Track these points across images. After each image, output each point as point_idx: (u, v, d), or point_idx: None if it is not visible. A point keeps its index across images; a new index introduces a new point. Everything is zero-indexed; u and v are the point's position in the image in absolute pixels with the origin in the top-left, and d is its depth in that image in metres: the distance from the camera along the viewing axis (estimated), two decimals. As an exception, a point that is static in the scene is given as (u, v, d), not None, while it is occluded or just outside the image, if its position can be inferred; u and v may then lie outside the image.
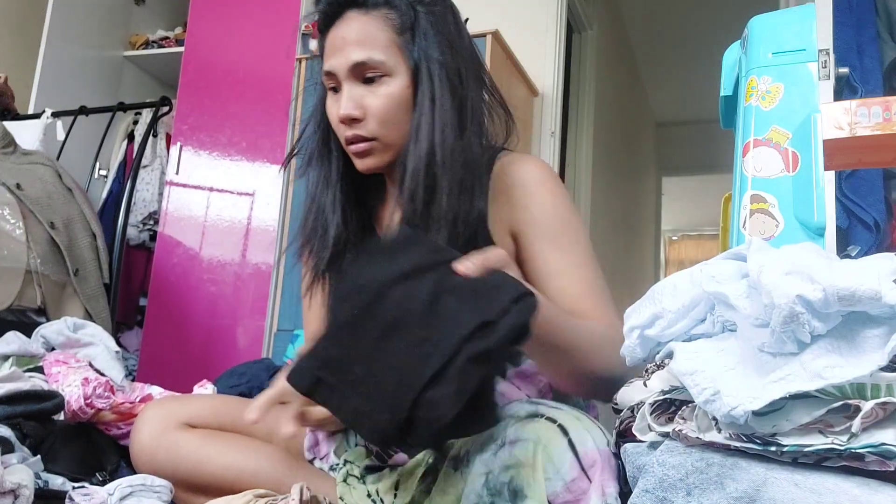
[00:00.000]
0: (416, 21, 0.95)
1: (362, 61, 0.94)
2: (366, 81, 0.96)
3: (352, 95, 0.95)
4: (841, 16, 1.75)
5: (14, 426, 1.12)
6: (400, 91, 0.95)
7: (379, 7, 0.96)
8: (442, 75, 0.94)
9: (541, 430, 0.76)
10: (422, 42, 0.95)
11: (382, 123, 0.95)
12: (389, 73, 0.95)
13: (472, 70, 0.99)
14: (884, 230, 1.64)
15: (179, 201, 2.68)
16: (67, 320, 1.61)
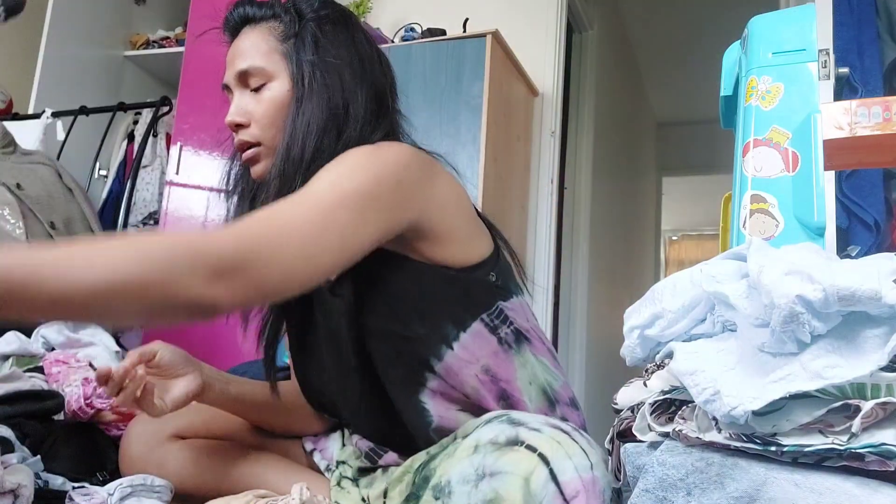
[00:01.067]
0: (300, 29, 0.99)
1: (245, 69, 0.98)
2: (253, 89, 0.99)
3: (239, 103, 0.99)
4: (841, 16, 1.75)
5: (14, 426, 1.12)
6: (281, 95, 0.98)
7: (266, 19, 1.01)
8: (315, 78, 0.96)
9: (521, 462, 0.74)
10: (301, 47, 0.98)
11: (264, 127, 0.98)
12: (271, 78, 0.98)
13: (363, 76, 1.00)
14: (884, 230, 1.65)
15: (179, 201, 2.68)
16: (67, 320, 1.61)
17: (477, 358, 0.95)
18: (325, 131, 0.95)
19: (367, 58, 1.02)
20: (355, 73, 0.99)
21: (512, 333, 0.99)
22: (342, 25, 1.02)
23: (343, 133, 0.96)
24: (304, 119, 0.94)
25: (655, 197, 5.94)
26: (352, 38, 1.02)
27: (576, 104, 3.47)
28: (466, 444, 0.81)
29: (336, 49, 0.99)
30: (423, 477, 0.88)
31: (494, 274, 1.00)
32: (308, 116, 0.95)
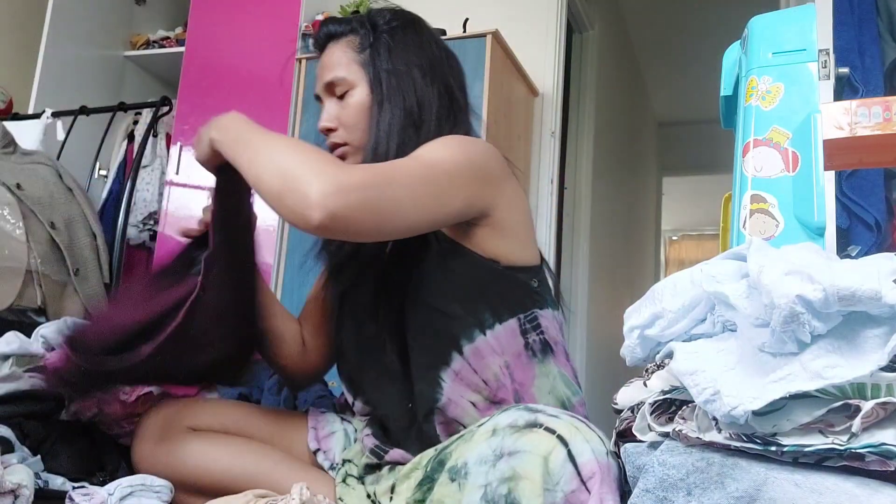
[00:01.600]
0: (374, 40, 1.11)
1: (330, 80, 1.12)
2: (339, 97, 1.12)
3: (328, 110, 1.13)
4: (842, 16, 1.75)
5: (14, 426, 1.12)
6: (362, 100, 1.10)
7: (345, 35, 1.14)
8: (391, 83, 1.09)
9: (540, 442, 0.76)
10: (376, 56, 1.10)
11: (349, 129, 1.11)
12: (353, 86, 1.11)
13: (434, 75, 1.12)
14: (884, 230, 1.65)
15: (179, 201, 2.68)
16: (67, 320, 1.60)
17: (503, 351, 1.02)
18: (404, 129, 1.07)
19: (435, 59, 1.14)
20: (426, 74, 1.11)
21: (539, 342, 1.05)
22: (412, 32, 1.14)
23: (421, 129, 1.08)
24: (385, 121, 1.07)
25: (655, 197, 5.94)
26: (421, 43, 1.14)
27: (576, 104, 3.47)
28: (484, 428, 0.83)
29: (407, 54, 1.11)
30: (438, 461, 0.90)
31: (537, 281, 1.09)
32: (388, 118, 1.07)
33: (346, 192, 0.85)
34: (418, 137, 1.06)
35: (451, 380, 1.01)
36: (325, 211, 0.83)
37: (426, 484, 0.89)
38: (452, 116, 1.12)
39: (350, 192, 0.85)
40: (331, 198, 0.84)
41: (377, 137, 1.07)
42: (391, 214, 0.89)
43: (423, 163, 0.96)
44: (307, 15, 2.68)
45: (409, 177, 0.92)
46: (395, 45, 1.11)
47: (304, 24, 2.66)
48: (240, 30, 2.73)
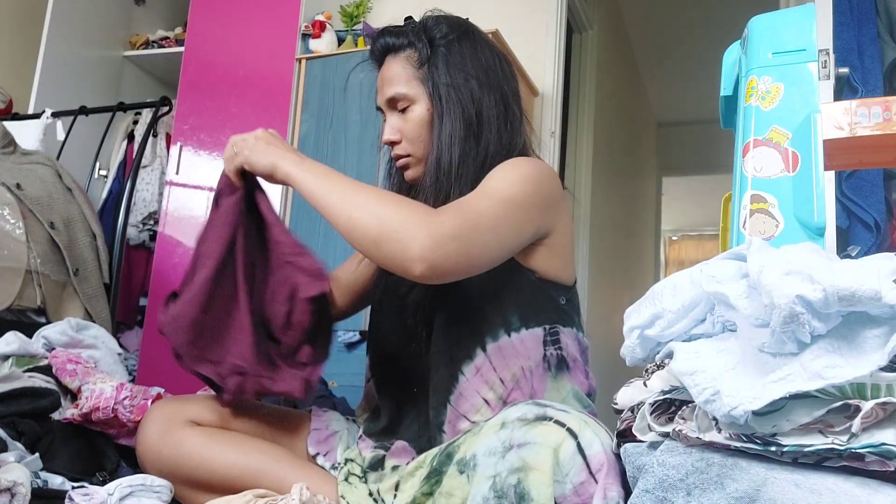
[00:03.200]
0: (432, 55, 1.14)
1: (392, 96, 1.16)
2: (400, 111, 1.16)
3: (391, 124, 1.17)
4: (841, 16, 1.75)
5: (8, 424, 1.12)
6: (422, 114, 1.14)
7: (404, 48, 1.17)
8: (451, 96, 1.12)
9: (550, 434, 0.77)
10: (435, 72, 1.14)
11: (411, 142, 1.15)
12: (414, 101, 1.15)
13: (490, 83, 1.16)
14: (884, 230, 1.65)
15: (179, 201, 2.68)
16: (71, 321, 1.60)
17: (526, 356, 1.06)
18: (465, 140, 1.12)
19: (490, 68, 1.17)
20: (482, 84, 1.15)
21: (556, 357, 1.08)
22: (467, 43, 1.17)
23: (481, 137, 1.13)
24: (445, 133, 1.12)
25: (655, 197, 5.94)
26: (476, 53, 1.17)
27: (576, 104, 3.47)
28: (493, 422, 0.85)
29: (464, 66, 1.15)
30: (446, 454, 0.91)
31: (566, 300, 1.14)
32: (449, 131, 1.12)
33: (444, 243, 0.92)
34: (478, 146, 1.12)
35: (470, 374, 1.06)
36: (426, 264, 0.91)
37: (434, 477, 0.90)
38: (509, 125, 1.17)
39: (447, 244, 0.92)
40: (430, 251, 0.91)
41: (440, 150, 1.11)
42: (480, 257, 0.97)
43: (501, 200, 1.01)
44: (307, 15, 2.68)
45: (493, 219, 0.99)
46: (451, 58, 1.14)
47: (303, 25, 2.66)
48: (239, 30, 2.73)
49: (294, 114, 2.57)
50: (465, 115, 1.12)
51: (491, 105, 1.15)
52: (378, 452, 1.08)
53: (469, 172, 1.11)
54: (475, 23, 1.25)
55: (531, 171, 1.08)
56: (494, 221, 0.98)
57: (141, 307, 2.86)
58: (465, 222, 0.96)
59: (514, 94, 1.20)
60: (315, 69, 2.57)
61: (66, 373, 1.34)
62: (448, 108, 1.12)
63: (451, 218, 0.96)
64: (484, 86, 1.15)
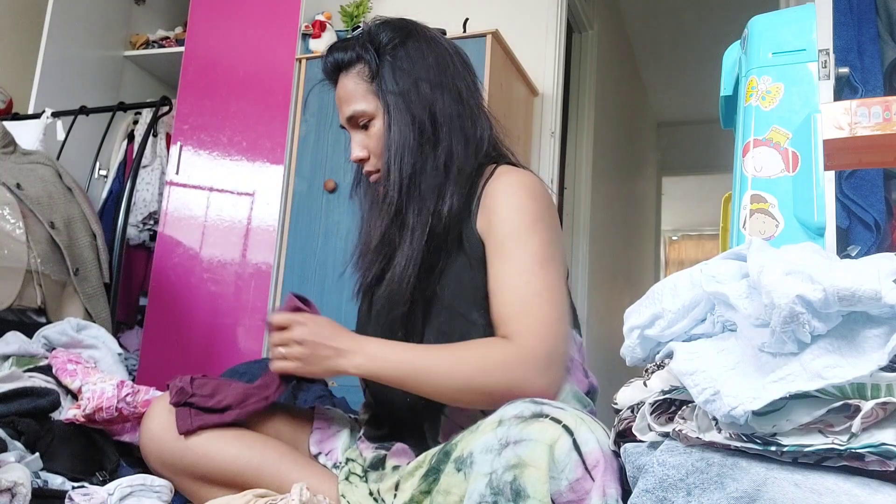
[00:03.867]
0: (380, 66, 1.11)
1: (351, 115, 1.13)
2: (363, 127, 1.13)
3: (357, 141, 1.14)
4: (841, 16, 1.75)
5: (7, 424, 1.12)
6: (382, 128, 1.11)
7: (353, 64, 1.14)
8: (399, 105, 1.10)
9: (546, 431, 0.77)
10: (383, 83, 1.11)
11: (378, 157, 1.13)
12: (373, 116, 1.12)
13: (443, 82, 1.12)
14: (884, 230, 1.65)
15: (179, 201, 2.68)
16: (71, 321, 1.60)
17: None
18: (420, 147, 1.09)
19: (440, 65, 1.13)
20: (433, 85, 1.11)
21: None
22: (412, 45, 1.13)
23: (440, 141, 1.10)
24: (394, 143, 1.09)
25: (655, 197, 5.94)
26: (422, 54, 1.13)
27: (576, 104, 3.47)
28: (490, 420, 0.85)
29: (411, 70, 1.11)
30: (444, 452, 0.91)
31: None
32: (398, 140, 1.09)
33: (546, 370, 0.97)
34: (436, 151, 1.09)
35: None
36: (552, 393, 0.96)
37: (432, 475, 0.90)
38: (470, 120, 1.14)
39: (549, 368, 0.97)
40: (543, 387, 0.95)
41: (388, 162, 1.09)
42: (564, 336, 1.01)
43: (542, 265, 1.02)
44: (307, 15, 2.68)
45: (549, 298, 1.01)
46: (397, 64, 1.11)
47: (303, 24, 2.66)
48: (240, 30, 2.73)
49: (294, 114, 2.57)
50: (417, 122, 1.09)
51: (445, 105, 1.11)
52: (379, 453, 1.08)
53: (429, 179, 1.08)
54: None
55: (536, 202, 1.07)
56: (552, 300, 1.01)
57: (141, 307, 2.86)
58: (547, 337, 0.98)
59: (469, 88, 1.16)
60: (315, 69, 2.57)
61: (66, 373, 1.34)
62: (396, 118, 1.09)
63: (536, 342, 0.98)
64: (435, 86, 1.11)
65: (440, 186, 1.08)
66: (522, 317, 0.99)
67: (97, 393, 1.25)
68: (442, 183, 1.08)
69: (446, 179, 1.08)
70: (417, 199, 1.07)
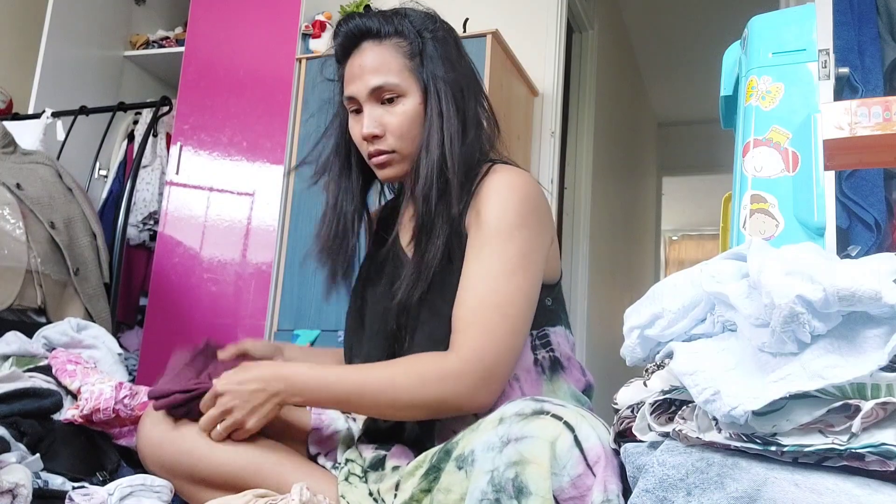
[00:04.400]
0: (423, 47, 1.08)
1: (380, 85, 1.07)
2: (384, 102, 1.08)
3: (372, 115, 1.07)
4: (841, 16, 1.75)
5: (10, 425, 1.12)
6: (413, 108, 1.07)
7: (391, 36, 1.08)
8: (447, 92, 1.07)
9: (547, 427, 0.77)
10: (429, 64, 1.08)
11: (399, 138, 1.07)
12: (404, 94, 1.07)
13: (472, 85, 1.12)
14: (884, 230, 1.64)
15: (179, 201, 2.68)
16: (71, 321, 1.60)
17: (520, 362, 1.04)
18: (460, 137, 1.07)
19: (470, 70, 1.15)
20: (469, 84, 1.11)
21: (549, 360, 1.07)
22: (452, 42, 1.13)
23: (467, 138, 1.08)
24: (448, 132, 1.06)
25: (655, 197, 5.94)
26: (459, 53, 1.13)
27: (576, 104, 3.47)
28: (491, 417, 0.85)
29: (453, 64, 1.10)
30: (444, 450, 0.91)
31: (551, 299, 1.11)
32: (450, 129, 1.06)
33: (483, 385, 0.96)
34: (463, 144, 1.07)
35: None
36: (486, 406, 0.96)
37: (432, 473, 0.90)
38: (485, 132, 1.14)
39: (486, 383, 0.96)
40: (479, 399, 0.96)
41: (442, 152, 1.05)
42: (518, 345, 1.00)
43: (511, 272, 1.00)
44: (307, 15, 2.68)
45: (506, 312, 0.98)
46: (443, 53, 1.09)
47: (304, 24, 2.66)
48: (240, 30, 2.73)
49: (294, 114, 2.57)
50: (458, 114, 1.08)
51: (475, 106, 1.12)
52: (379, 453, 1.08)
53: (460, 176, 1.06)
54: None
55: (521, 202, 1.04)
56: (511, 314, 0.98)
57: (141, 307, 2.86)
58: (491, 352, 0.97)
59: (485, 95, 1.17)
60: (315, 69, 2.57)
61: (66, 373, 1.34)
62: (447, 105, 1.06)
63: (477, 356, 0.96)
64: (469, 86, 1.11)
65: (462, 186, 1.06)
66: (472, 327, 0.98)
67: (95, 394, 1.25)
68: (464, 182, 1.06)
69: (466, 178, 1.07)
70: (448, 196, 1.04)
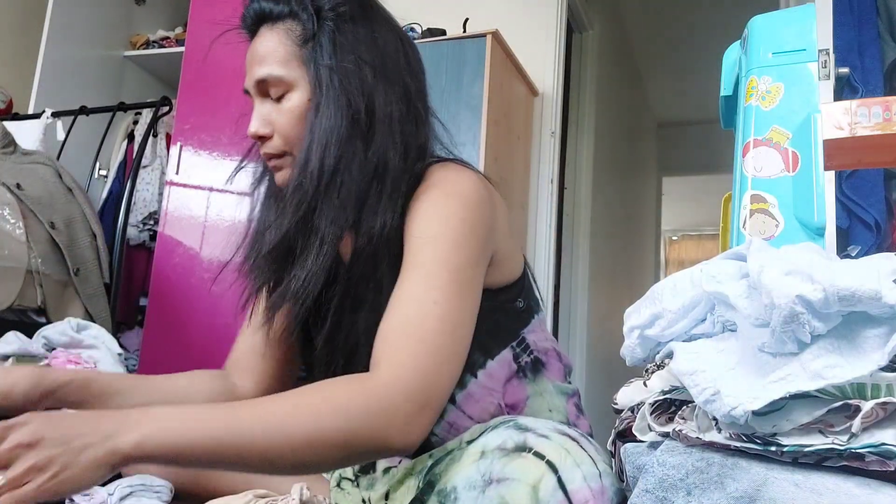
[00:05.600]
0: (318, 30, 0.91)
1: (263, 78, 0.93)
2: (275, 99, 0.93)
3: (261, 113, 0.94)
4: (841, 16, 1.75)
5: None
6: (301, 104, 0.92)
7: (284, 19, 0.94)
8: (333, 82, 0.90)
9: (529, 469, 0.74)
10: (320, 51, 0.91)
11: (287, 139, 0.93)
12: (291, 87, 0.92)
13: (388, 74, 0.93)
14: (884, 230, 1.65)
15: (179, 201, 2.68)
16: (71, 321, 1.60)
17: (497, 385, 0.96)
18: (349, 140, 0.89)
19: (391, 54, 0.95)
20: (377, 73, 0.92)
21: (531, 362, 1.00)
22: (363, 21, 0.94)
23: (372, 140, 0.90)
24: (321, 128, 0.89)
25: (655, 197, 5.94)
26: (373, 35, 0.94)
27: (576, 104, 3.47)
28: (473, 450, 0.81)
29: (356, 49, 0.92)
30: (427, 482, 0.88)
31: (522, 299, 0.99)
32: (326, 125, 0.89)
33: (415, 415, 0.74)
34: (367, 151, 0.90)
35: (443, 431, 0.95)
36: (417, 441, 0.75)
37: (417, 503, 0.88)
38: (414, 125, 0.95)
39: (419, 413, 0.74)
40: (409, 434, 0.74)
41: (309, 149, 0.89)
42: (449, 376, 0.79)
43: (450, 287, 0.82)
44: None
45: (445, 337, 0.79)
46: (341, 36, 0.91)
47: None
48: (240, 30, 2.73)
49: (294, 114, 2.57)
50: (351, 109, 0.89)
51: (389, 101, 0.92)
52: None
53: (353, 183, 0.88)
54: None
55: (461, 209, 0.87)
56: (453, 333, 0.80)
57: (141, 307, 2.87)
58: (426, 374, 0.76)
59: (418, 92, 0.97)
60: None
61: (67, 373, 1.34)
62: (328, 97, 0.89)
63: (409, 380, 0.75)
64: (380, 76, 0.92)
65: (363, 195, 0.89)
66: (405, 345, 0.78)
67: None
68: (365, 191, 0.89)
69: (372, 189, 0.90)
70: (335, 202, 0.88)
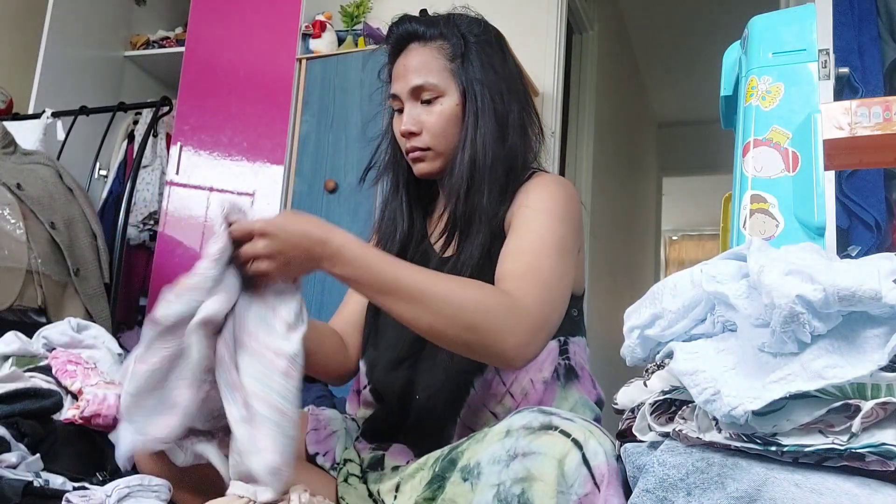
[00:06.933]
0: (465, 50, 1.13)
1: (420, 85, 1.12)
2: (423, 102, 1.13)
3: (411, 114, 1.13)
4: (842, 16, 1.75)
5: (11, 425, 1.12)
6: (451, 109, 1.12)
7: (435, 39, 1.14)
8: (485, 95, 1.11)
9: (555, 444, 0.76)
10: (469, 67, 1.12)
11: (435, 136, 1.12)
12: (442, 94, 1.12)
13: (515, 91, 1.16)
14: (884, 230, 1.65)
15: (179, 201, 2.68)
16: (71, 321, 1.60)
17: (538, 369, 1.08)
18: (497, 143, 1.11)
19: (516, 75, 1.19)
20: (511, 90, 1.15)
21: (564, 367, 1.11)
22: (497, 47, 1.18)
23: (507, 142, 1.12)
24: (481, 133, 1.10)
25: (655, 197, 5.94)
26: (504, 59, 1.18)
27: (576, 104, 3.47)
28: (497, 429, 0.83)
29: (495, 69, 1.14)
30: (449, 460, 0.89)
31: (577, 310, 1.14)
32: (484, 130, 1.10)
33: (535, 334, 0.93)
34: (504, 150, 1.11)
35: (480, 388, 1.06)
36: (522, 359, 0.93)
37: (437, 482, 0.89)
38: (527, 137, 1.16)
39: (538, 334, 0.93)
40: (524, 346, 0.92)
41: (474, 149, 1.09)
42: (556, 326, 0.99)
43: (558, 250, 1.01)
44: (307, 15, 2.68)
45: (559, 279, 1.00)
46: (485, 58, 1.14)
47: (304, 25, 2.66)
48: (240, 30, 2.73)
49: (294, 114, 2.57)
50: (497, 117, 1.11)
51: (515, 112, 1.14)
52: (377, 453, 1.08)
53: (499, 177, 1.10)
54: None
55: (566, 200, 1.09)
56: (560, 282, 0.99)
57: (141, 307, 2.87)
58: (546, 303, 0.96)
59: (532, 106, 1.21)
60: (315, 69, 2.57)
61: (66, 373, 1.35)
62: (483, 107, 1.11)
63: (534, 302, 0.94)
64: (511, 91, 1.15)
65: (503, 188, 1.09)
66: (529, 276, 0.97)
67: (99, 398, 1.25)
68: (504, 184, 1.10)
69: (506, 182, 1.10)
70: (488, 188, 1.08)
